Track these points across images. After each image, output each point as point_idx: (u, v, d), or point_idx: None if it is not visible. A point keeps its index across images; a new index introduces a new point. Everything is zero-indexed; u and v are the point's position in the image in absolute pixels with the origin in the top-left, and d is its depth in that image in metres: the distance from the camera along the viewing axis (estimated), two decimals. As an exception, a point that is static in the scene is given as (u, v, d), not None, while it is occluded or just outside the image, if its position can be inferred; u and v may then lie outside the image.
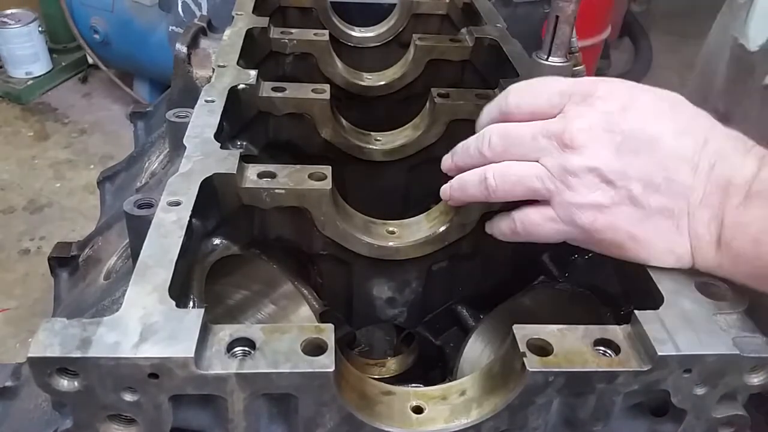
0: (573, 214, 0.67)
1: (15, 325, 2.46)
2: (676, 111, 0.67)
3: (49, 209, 3.03)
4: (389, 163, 1.11)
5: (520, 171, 0.70)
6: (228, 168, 0.77)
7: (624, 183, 0.64)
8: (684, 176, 0.63)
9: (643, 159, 0.64)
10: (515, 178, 0.70)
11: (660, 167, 0.63)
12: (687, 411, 0.62)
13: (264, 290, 0.89)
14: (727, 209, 0.61)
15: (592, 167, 0.65)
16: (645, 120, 0.65)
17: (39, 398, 0.76)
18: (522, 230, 0.73)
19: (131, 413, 0.55)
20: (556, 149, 0.67)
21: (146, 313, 0.56)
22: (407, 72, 1.22)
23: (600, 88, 0.68)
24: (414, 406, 0.63)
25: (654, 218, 0.64)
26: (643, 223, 0.65)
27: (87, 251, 1.16)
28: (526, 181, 0.69)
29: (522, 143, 0.70)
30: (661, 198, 0.64)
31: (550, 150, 0.68)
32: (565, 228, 0.69)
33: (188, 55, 1.17)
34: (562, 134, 0.67)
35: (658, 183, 0.64)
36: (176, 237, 0.65)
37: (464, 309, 1.01)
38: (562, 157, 0.67)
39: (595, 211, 0.66)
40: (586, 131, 0.66)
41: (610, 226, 0.66)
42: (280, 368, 0.54)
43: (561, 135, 0.67)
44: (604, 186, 0.65)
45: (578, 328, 0.61)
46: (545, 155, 0.68)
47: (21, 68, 3.73)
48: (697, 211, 0.63)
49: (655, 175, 0.64)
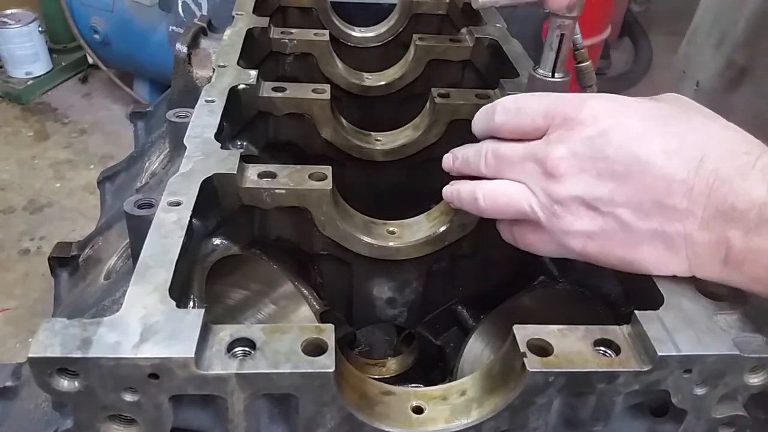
0: (563, 240, 0.66)
1: (15, 325, 2.46)
2: (668, 126, 0.62)
3: (49, 209, 3.03)
4: (389, 163, 1.11)
5: (510, 193, 0.69)
6: (228, 168, 0.77)
7: (610, 209, 0.62)
8: (677, 200, 0.60)
9: (631, 183, 0.61)
10: (506, 200, 0.69)
11: (649, 191, 0.61)
12: (687, 411, 0.62)
13: (264, 290, 0.89)
14: (734, 235, 0.58)
15: (575, 196, 0.64)
16: (630, 142, 0.62)
17: (39, 398, 0.76)
18: (522, 246, 0.73)
19: (131, 413, 0.55)
20: (540, 175, 0.66)
21: (147, 314, 0.56)
22: (407, 72, 1.22)
23: (582, 111, 0.65)
24: (414, 407, 0.63)
25: (646, 242, 0.62)
26: (636, 247, 0.63)
27: (87, 251, 1.16)
28: (515, 204, 0.69)
29: (512, 164, 0.69)
30: (652, 223, 0.61)
31: (535, 176, 0.66)
32: (559, 249, 0.68)
33: (188, 55, 1.17)
34: (544, 161, 0.65)
35: (648, 208, 0.61)
36: (177, 237, 0.65)
37: (464, 309, 1.01)
38: (546, 185, 0.65)
39: (585, 238, 0.65)
40: (567, 159, 0.64)
41: (601, 252, 0.65)
42: (281, 368, 0.54)
43: (544, 162, 0.65)
44: (590, 213, 0.63)
45: (578, 329, 0.61)
46: (531, 180, 0.67)
47: (21, 68, 3.73)
48: (696, 234, 0.60)
49: (644, 199, 0.61)
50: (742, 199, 0.57)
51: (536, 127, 0.67)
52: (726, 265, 0.60)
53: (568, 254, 0.68)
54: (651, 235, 0.62)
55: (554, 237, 0.67)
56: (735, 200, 0.57)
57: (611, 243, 0.64)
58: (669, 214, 0.60)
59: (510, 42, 1.17)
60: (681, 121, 0.63)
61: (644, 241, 0.62)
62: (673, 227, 0.61)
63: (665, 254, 0.62)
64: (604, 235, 0.64)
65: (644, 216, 0.61)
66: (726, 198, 0.58)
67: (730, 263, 0.59)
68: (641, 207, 0.61)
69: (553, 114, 0.66)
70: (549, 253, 0.70)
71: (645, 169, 0.60)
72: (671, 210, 0.60)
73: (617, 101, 0.66)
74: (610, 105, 0.65)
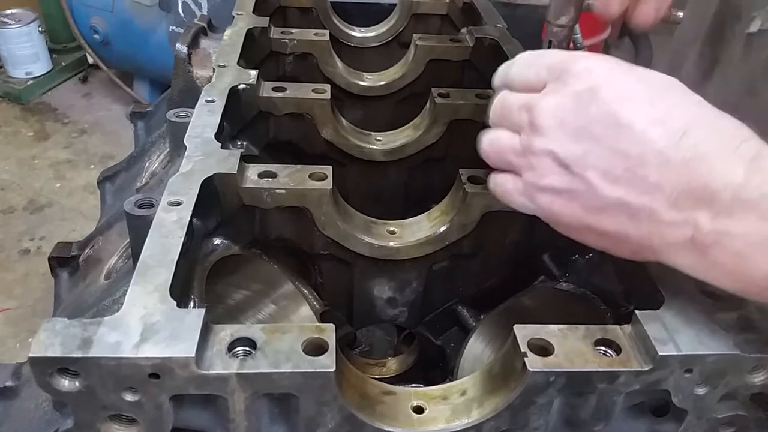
0: (534, 194, 0.66)
1: (15, 325, 2.45)
2: (658, 97, 0.60)
3: (49, 209, 3.03)
4: (389, 163, 1.11)
5: (503, 143, 0.69)
6: (229, 168, 0.77)
7: (580, 170, 0.61)
8: (649, 171, 0.57)
9: (605, 146, 0.59)
10: (498, 148, 0.69)
11: (622, 157, 0.58)
12: (688, 411, 0.62)
13: (265, 290, 0.89)
14: (703, 216, 0.55)
15: (549, 150, 0.63)
16: (616, 104, 0.60)
17: (40, 398, 0.76)
18: (498, 195, 0.71)
19: (132, 413, 0.55)
20: (527, 125, 0.65)
21: (147, 313, 0.56)
22: (407, 72, 1.22)
23: (578, 64, 0.63)
24: (415, 406, 0.63)
25: (610, 210, 0.60)
26: (599, 213, 0.61)
27: (87, 251, 1.16)
28: (504, 154, 0.68)
29: (510, 114, 0.68)
30: (619, 190, 0.59)
31: (525, 125, 0.66)
32: (529, 204, 0.67)
33: (188, 55, 1.17)
34: (532, 111, 0.64)
35: (618, 174, 0.59)
36: (177, 237, 0.65)
37: (465, 309, 1.01)
38: (529, 135, 0.65)
39: (552, 195, 0.64)
40: (551, 111, 0.63)
41: (565, 212, 0.64)
42: (281, 368, 0.54)
43: (531, 111, 0.64)
44: (561, 170, 0.62)
45: (579, 328, 0.61)
46: (521, 130, 0.66)
47: (21, 68, 3.73)
48: (663, 211, 0.57)
49: (615, 165, 0.59)
50: (717, 180, 0.55)
51: (540, 79, 0.67)
52: (693, 251, 0.57)
53: (537, 211, 0.67)
54: (616, 203, 0.60)
55: (526, 189, 0.66)
56: (709, 179, 0.55)
57: (575, 204, 0.63)
58: (638, 185, 0.58)
59: (510, 42, 1.17)
60: (675, 95, 0.61)
61: (608, 209, 0.61)
62: (640, 199, 0.58)
63: (626, 226, 0.60)
64: (570, 196, 0.62)
65: (612, 182, 0.59)
66: (699, 177, 0.55)
67: (696, 247, 0.57)
68: (611, 172, 0.59)
69: (554, 67, 0.66)
70: (521, 205, 0.69)
71: (623, 134, 0.59)
72: (641, 180, 0.58)
73: (616, 62, 0.64)
74: (608, 63, 0.64)
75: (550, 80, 0.65)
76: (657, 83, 0.62)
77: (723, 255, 0.55)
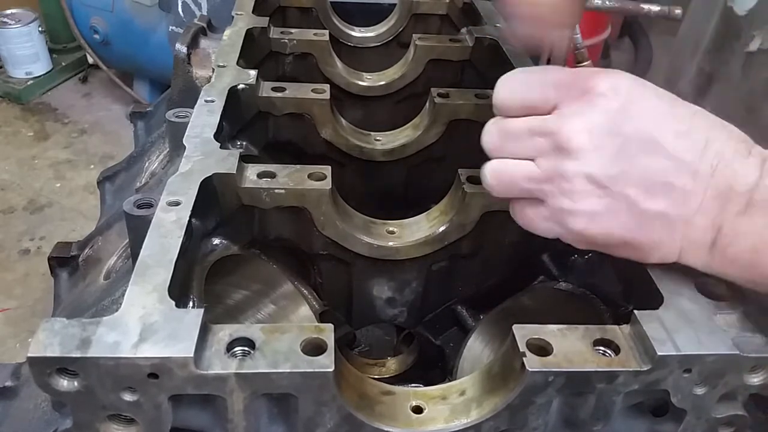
0: (565, 219, 0.64)
1: (15, 325, 2.46)
2: (676, 110, 0.62)
3: (49, 209, 3.03)
4: (389, 163, 1.11)
5: (514, 172, 0.66)
6: (228, 168, 0.77)
7: (620, 189, 0.61)
8: (684, 181, 0.60)
9: (643, 163, 0.60)
10: (509, 179, 0.67)
11: (660, 172, 0.60)
12: (687, 411, 0.62)
13: (264, 290, 0.89)
14: (726, 216, 0.59)
15: (587, 173, 0.61)
16: (647, 120, 0.61)
17: (39, 398, 0.76)
18: (520, 222, 0.70)
19: (131, 413, 0.55)
20: (551, 150, 0.63)
21: (146, 313, 0.56)
22: (407, 72, 1.22)
23: (602, 83, 0.62)
24: (414, 406, 0.63)
25: (649, 223, 0.62)
26: (638, 229, 0.62)
27: (87, 251, 1.16)
28: (519, 182, 0.66)
29: (518, 139, 0.66)
30: (659, 204, 0.61)
31: (545, 150, 0.64)
32: (557, 229, 0.66)
33: (188, 55, 1.17)
34: (557, 134, 0.62)
35: (657, 189, 0.60)
36: (176, 237, 0.65)
37: (464, 309, 1.01)
38: (557, 160, 0.63)
39: (588, 219, 0.63)
40: (585, 133, 0.61)
41: (602, 233, 0.63)
42: (280, 368, 0.54)
43: (557, 135, 0.62)
44: (599, 192, 0.62)
45: (578, 328, 0.61)
46: (540, 155, 0.64)
47: (21, 68, 3.73)
48: (694, 217, 0.60)
49: (655, 179, 0.60)
50: (741, 182, 0.59)
51: (546, 99, 0.64)
52: (712, 249, 0.61)
53: (564, 234, 0.66)
54: (655, 216, 0.61)
55: (555, 215, 0.65)
56: (734, 182, 0.59)
57: (614, 223, 0.62)
58: (676, 196, 0.60)
59: (510, 42, 1.17)
60: (684, 106, 0.63)
61: (647, 223, 0.62)
62: (678, 210, 0.61)
63: (662, 237, 0.62)
64: (609, 215, 0.62)
65: (651, 197, 0.61)
66: (727, 180, 0.59)
67: (716, 246, 0.61)
68: (651, 188, 0.61)
69: (566, 85, 0.64)
70: (545, 231, 0.67)
71: (659, 149, 0.60)
72: (680, 191, 0.60)
73: (631, 78, 0.64)
74: (630, 80, 0.63)
75: (567, 99, 0.63)
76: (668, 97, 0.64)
77: (740, 252, 0.60)
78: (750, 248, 0.59)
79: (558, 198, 0.64)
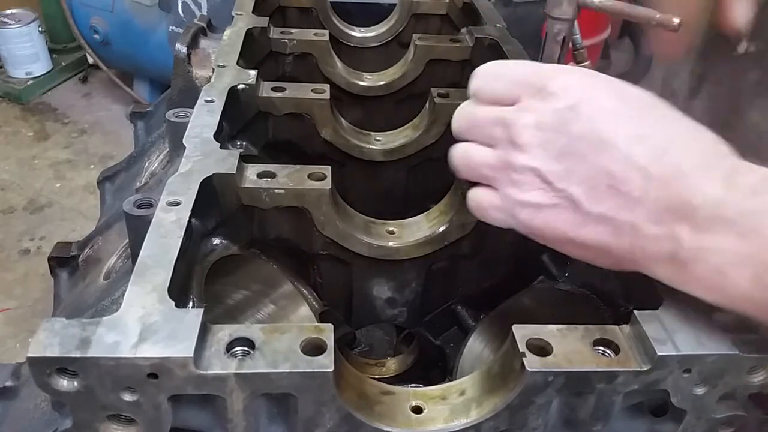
0: (513, 209, 0.66)
1: (15, 325, 2.46)
2: (637, 114, 0.61)
3: (49, 209, 3.03)
4: (389, 163, 1.11)
5: (476, 157, 0.69)
6: (228, 168, 0.77)
7: (563, 186, 0.62)
8: (631, 187, 0.58)
9: (588, 163, 0.60)
10: (471, 163, 0.70)
11: (605, 174, 0.59)
12: (686, 411, 0.62)
13: (263, 290, 0.89)
14: (683, 231, 0.56)
15: (531, 167, 0.63)
16: (597, 121, 0.60)
17: (39, 398, 0.76)
18: (475, 209, 0.72)
19: (131, 413, 0.55)
20: (505, 142, 0.66)
21: (146, 313, 0.56)
22: (407, 72, 1.22)
23: (554, 82, 0.64)
24: (413, 406, 0.63)
25: (592, 224, 0.61)
26: (581, 227, 0.62)
27: (87, 251, 1.16)
28: (479, 168, 0.69)
29: (481, 127, 0.69)
30: (602, 206, 0.60)
31: (501, 141, 0.66)
32: (508, 219, 0.68)
33: (188, 55, 1.17)
34: (511, 127, 0.65)
35: (601, 191, 0.60)
36: (176, 237, 0.65)
37: (464, 309, 1.01)
38: (508, 151, 0.65)
39: (534, 210, 0.64)
40: (531, 129, 0.63)
41: (547, 226, 0.64)
42: (280, 368, 0.54)
43: (510, 128, 0.65)
44: (544, 186, 0.63)
45: (578, 328, 0.61)
46: (497, 145, 0.67)
47: (21, 68, 3.73)
48: (645, 227, 0.58)
49: (599, 181, 0.60)
50: (697, 196, 0.55)
51: (509, 93, 0.67)
52: (672, 264, 0.58)
53: (515, 224, 0.68)
54: (598, 218, 0.61)
55: (505, 204, 0.67)
56: (690, 196, 0.56)
57: (558, 219, 0.63)
58: (621, 201, 0.59)
59: (510, 42, 1.17)
60: (653, 109, 0.62)
61: (591, 224, 0.61)
62: (622, 215, 0.59)
63: (608, 241, 0.61)
64: (553, 211, 0.63)
65: (596, 199, 0.60)
66: (681, 192, 0.56)
67: (677, 261, 0.57)
68: (595, 189, 0.60)
69: (526, 82, 0.66)
70: (498, 221, 0.69)
71: (606, 151, 0.59)
72: (624, 196, 0.59)
73: (594, 77, 0.65)
74: (585, 80, 0.64)
75: (524, 95, 0.66)
76: (636, 99, 0.63)
77: (702, 270, 0.56)
78: (713, 268, 0.55)
79: (508, 187, 0.66)
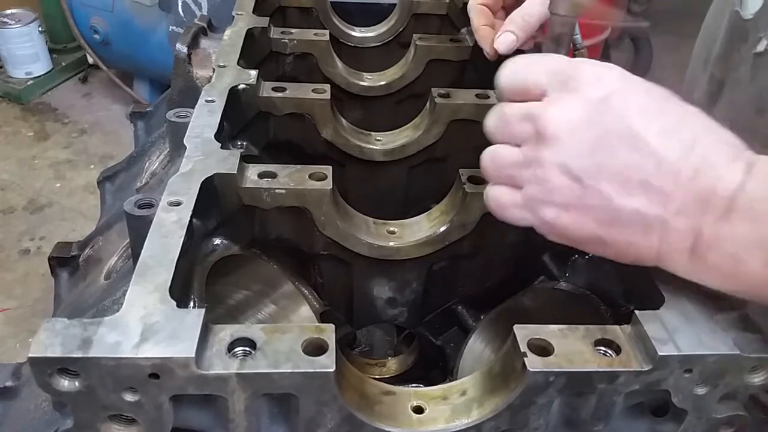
0: (537, 208, 0.63)
1: (15, 325, 2.46)
2: (666, 108, 0.60)
3: (49, 209, 3.03)
4: (389, 163, 1.11)
5: (502, 158, 0.66)
6: (228, 168, 0.77)
7: (594, 182, 0.59)
8: (663, 182, 0.57)
9: (621, 158, 0.58)
10: (498, 165, 0.67)
11: (638, 169, 0.58)
12: (687, 411, 0.62)
13: (264, 290, 0.89)
14: (707, 220, 0.57)
15: (560, 163, 0.60)
16: (630, 114, 0.59)
17: (39, 398, 0.76)
18: (493, 208, 0.69)
19: (132, 413, 0.55)
20: (533, 136, 0.62)
21: (147, 313, 0.56)
22: (407, 72, 1.22)
23: (588, 72, 0.61)
24: (414, 406, 0.63)
25: (622, 221, 0.60)
26: (610, 225, 0.60)
27: (87, 251, 1.16)
28: (505, 168, 0.66)
29: (509, 125, 0.66)
30: (634, 202, 0.59)
31: (529, 136, 0.63)
32: (530, 217, 0.65)
33: (188, 55, 1.17)
34: (538, 120, 0.62)
35: (634, 186, 0.58)
36: (177, 237, 0.65)
37: (464, 309, 1.01)
38: (536, 146, 0.62)
39: (560, 209, 0.62)
40: (561, 121, 0.60)
41: (573, 225, 0.62)
42: (281, 368, 0.54)
43: (538, 121, 0.62)
44: (572, 184, 0.60)
45: (579, 328, 0.61)
46: (524, 141, 0.64)
47: (21, 68, 3.73)
48: (673, 220, 0.58)
49: (632, 176, 0.58)
50: (723, 186, 0.56)
51: (538, 85, 0.64)
52: (692, 255, 0.58)
53: (537, 224, 0.65)
54: (630, 214, 0.59)
55: (528, 203, 0.64)
56: (717, 186, 0.56)
57: (586, 218, 0.61)
58: (654, 196, 0.58)
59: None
60: (676, 106, 0.61)
61: (621, 220, 0.60)
62: (654, 210, 0.58)
63: (638, 236, 0.60)
64: (581, 208, 0.61)
65: (627, 194, 0.59)
66: (710, 183, 0.56)
67: (696, 252, 0.58)
68: (627, 184, 0.59)
69: (554, 73, 0.63)
70: (518, 219, 0.67)
71: (640, 146, 0.58)
72: (658, 191, 0.58)
73: (620, 72, 0.63)
74: (617, 72, 0.62)
75: (553, 87, 0.63)
76: (659, 91, 0.62)
77: (719, 257, 0.57)
78: (731, 255, 0.56)
79: (532, 185, 0.63)
